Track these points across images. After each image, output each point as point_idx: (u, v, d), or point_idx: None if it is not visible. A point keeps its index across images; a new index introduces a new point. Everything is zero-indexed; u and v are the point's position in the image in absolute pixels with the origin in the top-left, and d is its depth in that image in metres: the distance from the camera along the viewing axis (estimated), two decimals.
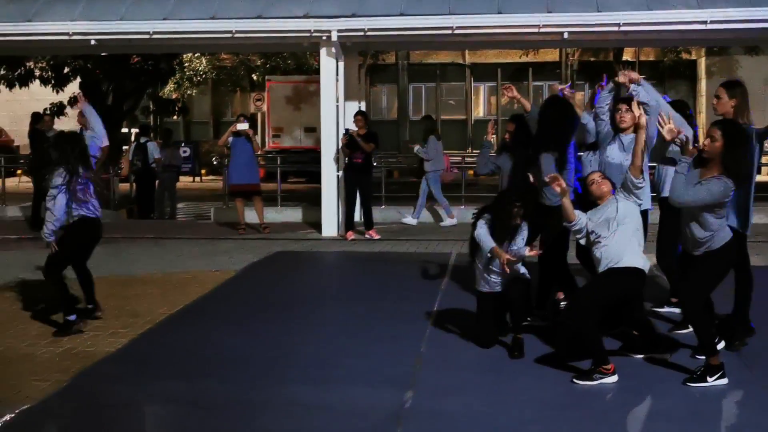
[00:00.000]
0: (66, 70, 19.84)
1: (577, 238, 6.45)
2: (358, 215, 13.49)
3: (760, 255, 9.86)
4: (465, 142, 35.67)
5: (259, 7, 13.37)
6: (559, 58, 32.84)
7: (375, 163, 14.31)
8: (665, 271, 7.57)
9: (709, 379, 5.80)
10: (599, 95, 7.25)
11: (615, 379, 5.88)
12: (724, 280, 6.15)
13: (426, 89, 37.11)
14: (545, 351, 6.59)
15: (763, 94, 26.09)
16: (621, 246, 6.10)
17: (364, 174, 12.95)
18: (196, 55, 31.28)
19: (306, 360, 6.60)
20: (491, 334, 6.82)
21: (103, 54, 17.39)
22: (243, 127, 13.42)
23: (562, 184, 6.26)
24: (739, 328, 6.70)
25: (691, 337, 6.47)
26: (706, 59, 32.61)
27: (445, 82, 37.00)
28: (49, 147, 7.53)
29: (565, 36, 12.96)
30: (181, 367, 6.44)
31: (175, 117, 28.84)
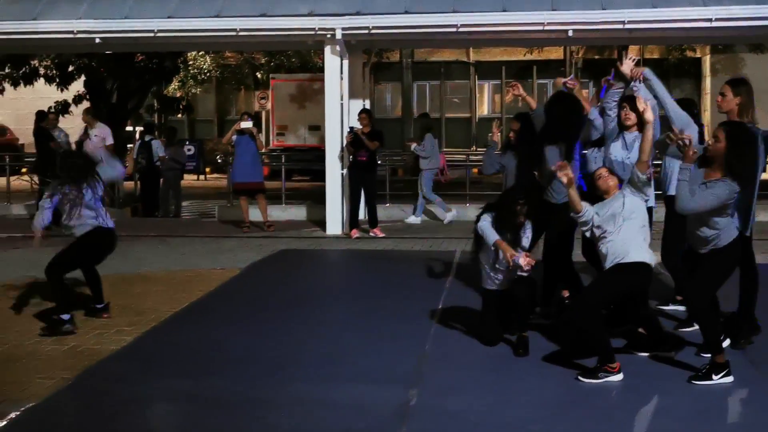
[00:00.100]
0: (70, 68, 19.84)
1: (582, 230, 6.42)
2: (362, 213, 13.50)
3: (766, 253, 9.83)
4: (469, 140, 35.68)
5: (264, 5, 13.37)
6: (564, 56, 32.78)
7: (379, 161, 14.31)
8: (670, 269, 7.57)
9: (714, 377, 5.79)
10: (605, 89, 7.24)
11: (620, 377, 5.87)
12: (730, 278, 6.14)
13: (430, 87, 37.12)
14: (550, 349, 6.58)
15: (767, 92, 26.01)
16: (627, 241, 6.08)
17: (368, 172, 12.94)
18: (200, 53, 31.31)
19: (311, 358, 6.60)
20: (495, 333, 6.82)
21: (107, 52, 17.39)
22: (247, 125, 13.43)
23: (569, 173, 6.22)
24: (745, 326, 6.70)
25: (696, 335, 6.46)
26: (710, 57, 32.58)
27: (449, 80, 37.02)
28: (59, 161, 7.81)
29: (570, 34, 12.94)
30: (186, 365, 6.44)
31: (179, 115, 28.92)
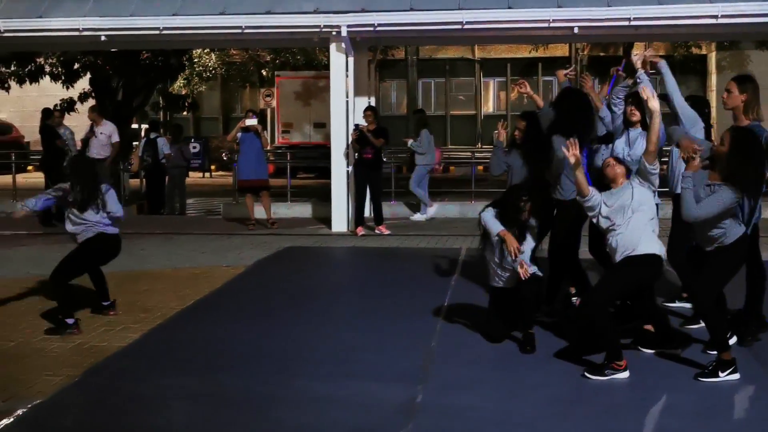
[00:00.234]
0: (76, 66, 19.88)
1: (589, 215, 6.39)
2: (368, 211, 13.50)
3: None
4: (475, 138, 35.68)
5: (269, 2, 13.37)
6: (569, 53, 32.79)
7: (385, 159, 14.31)
8: (676, 267, 7.55)
9: (721, 374, 5.78)
10: (615, 79, 7.23)
11: (626, 375, 5.85)
12: (737, 275, 6.14)
13: (435, 84, 37.13)
14: (556, 346, 6.58)
15: None
16: (636, 233, 6.05)
17: (373, 169, 12.94)
18: (205, 50, 31.37)
19: (317, 354, 6.60)
20: (501, 330, 6.81)
21: (113, 50, 17.40)
22: (252, 122, 13.44)
23: (577, 153, 6.19)
24: (752, 323, 6.68)
25: (702, 332, 6.46)
26: (716, 54, 32.53)
27: (454, 78, 37.01)
28: (67, 167, 8.24)
29: (576, 31, 12.94)
30: (192, 362, 6.45)
31: (184, 113, 28.92)
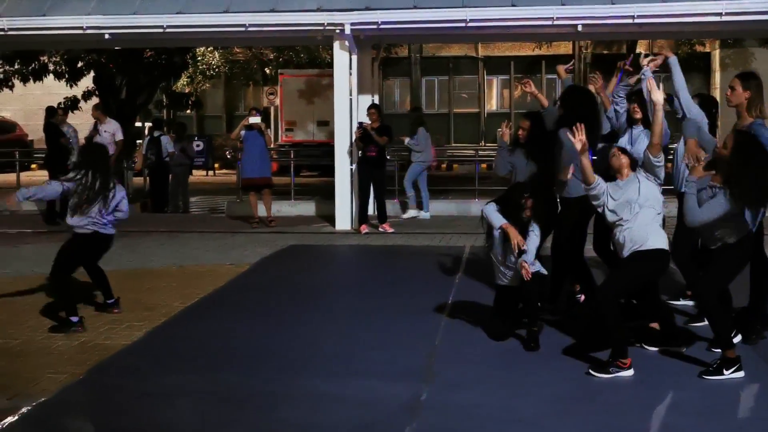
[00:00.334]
0: (80, 64, 19.88)
1: (594, 204, 6.37)
2: (371, 209, 13.50)
3: None
4: (478, 136, 35.66)
5: (273, 0, 13.37)
6: (573, 51, 32.75)
7: (388, 157, 14.30)
8: (680, 265, 7.53)
9: (725, 372, 5.78)
10: (622, 74, 7.23)
11: (631, 373, 5.86)
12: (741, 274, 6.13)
13: (439, 82, 37.12)
14: (561, 343, 6.58)
15: None
16: (644, 229, 6.05)
17: (377, 167, 12.93)
18: (209, 49, 31.37)
19: (321, 352, 6.61)
20: (504, 327, 6.82)
21: (116, 48, 17.41)
22: (255, 120, 13.44)
23: (583, 138, 6.19)
24: (756, 321, 6.68)
25: (706, 329, 6.44)
26: (720, 52, 32.47)
27: (458, 76, 37.00)
28: (79, 154, 8.20)
29: (579, 29, 12.89)
30: (197, 360, 6.45)
31: (188, 111, 28.89)
